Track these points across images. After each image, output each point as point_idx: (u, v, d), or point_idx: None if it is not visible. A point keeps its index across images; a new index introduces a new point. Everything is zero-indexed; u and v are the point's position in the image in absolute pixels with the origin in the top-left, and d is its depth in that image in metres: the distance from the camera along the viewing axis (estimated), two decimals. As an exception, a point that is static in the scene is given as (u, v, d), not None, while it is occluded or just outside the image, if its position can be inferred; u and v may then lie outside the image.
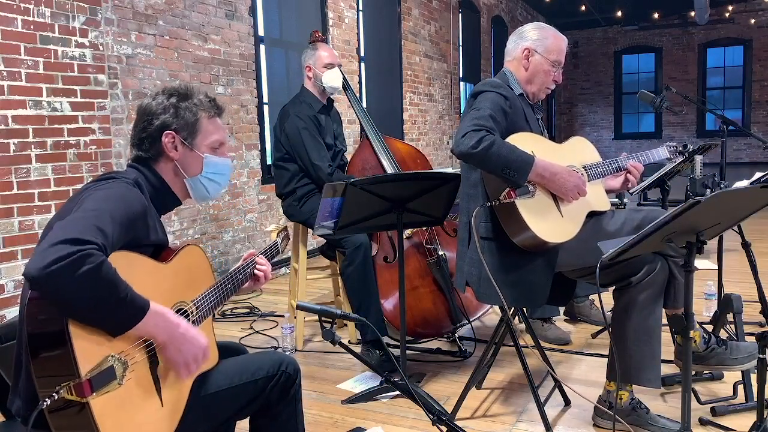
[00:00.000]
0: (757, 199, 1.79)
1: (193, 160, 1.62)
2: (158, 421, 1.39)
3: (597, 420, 2.40)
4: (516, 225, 2.20)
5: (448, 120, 9.33)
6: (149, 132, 1.58)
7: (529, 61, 2.43)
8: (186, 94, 1.62)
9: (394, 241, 3.24)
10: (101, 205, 1.35)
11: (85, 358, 1.22)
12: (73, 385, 1.20)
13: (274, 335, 3.61)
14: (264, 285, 1.88)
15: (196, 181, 1.65)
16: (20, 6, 3.42)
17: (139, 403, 1.34)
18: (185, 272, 1.56)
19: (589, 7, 12.34)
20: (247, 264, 1.79)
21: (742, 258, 3.02)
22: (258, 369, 1.64)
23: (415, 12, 8.15)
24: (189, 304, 1.54)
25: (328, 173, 3.20)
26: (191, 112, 1.61)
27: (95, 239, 1.24)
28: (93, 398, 1.22)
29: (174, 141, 1.59)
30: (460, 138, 2.16)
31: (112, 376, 1.27)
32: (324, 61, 3.33)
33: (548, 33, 2.45)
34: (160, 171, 1.62)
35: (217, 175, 1.67)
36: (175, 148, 1.60)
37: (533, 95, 2.48)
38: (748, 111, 14.06)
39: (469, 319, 3.26)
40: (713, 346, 2.37)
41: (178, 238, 4.50)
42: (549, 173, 2.20)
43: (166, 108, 1.59)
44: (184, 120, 1.60)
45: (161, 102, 1.60)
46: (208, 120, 1.64)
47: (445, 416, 1.59)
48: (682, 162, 3.35)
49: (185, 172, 1.62)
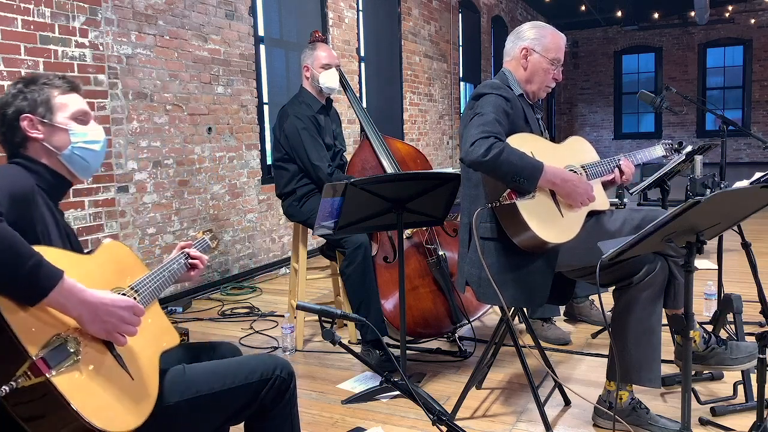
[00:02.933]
0: (757, 199, 1.79)
1: (59, 134, 1.60)
2: (135, 395, 1.37)
3: (597, 420, 2.40)
4: (517, 226, 2.20)
5: (448, 120, 9.33)
6: (6, 122, 1.58)
7: (528, 60, 2.43)
8: (32, 79, 1.63)
9: (394, 241, 3.25)
10: None
11: (30, 340, 1.20)
12: (27, 368, 1.17)
13: (274, 335, 3.61)
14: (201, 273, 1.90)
15: (70, 155, 1.62)
16: (20, 6, 3.42)
17: (107, 378, 1.32)
18: (112, 263, 1.55)
19: (589, 7, 12.34)
20: (179, 255, 1.80)
21: (742, 258, 3.02)
22: (251, 372, 1.62)
23: (415, 12, 8.15)
24: (126, 289, 1.51)
25: (328, 173, 3.20)
26: (41, 92, 1.60)
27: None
28: (54, 376, 1.19)
29: (33, 122, 1.58)
30: (468, 147, 2.14)
31: (66, 352, 1.24)
32: (322, 62, 3.33)
33: (546, 31, 2.45)
34: (35, 155, 1.60)
35: (90, 143, 1.64)
36: (36, 129, 1.58)
37: (533, 94, 2.48)
38: (748, 111, 14.06)
39: (469, 319, 3.26)
40: (713, 346, 2.37)
41: (179, 238, 4.50)
42: (560, 179, 2.19)
43: (15, 95, 1.59)
44: (35, 101, 1.59)
45: (9, 92, 1.60)
46: (63, 95, 1.63)
47: (445, 416, 1.59)
48: (683, 162, 3.36)
49: (56, 148, 1.60)
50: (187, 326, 3.75)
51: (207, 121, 4.77)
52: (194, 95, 4.64)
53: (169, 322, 1.64)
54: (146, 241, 4.25)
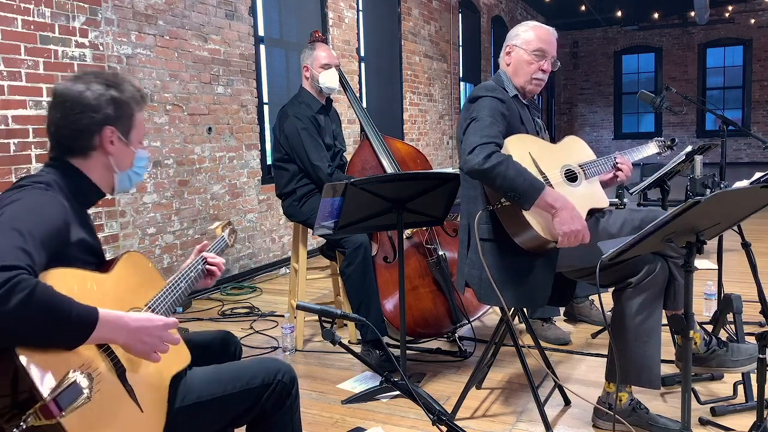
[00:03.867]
0: (757, 199, 1.79)
1: (127, 155, 1.56)
2: (143, 429, 1.35)
3: (597, 422, 2.40)
4: (518, 226, 2.20)
5: (448, 120, 9.33)
6: (86, 125, 1.47)
7: (510, 56, 2.46)
8: (120, 85, 1.53)
9: (394, 241, 3.24)
10: (16, 224, 1.25)
11: (44, 379, 1.16)
12: (38, 409, 1.14)
13: (274, 335, 3.61)
14: (219, 277, 1.86)
15: (123, 176, 1.59)
16: (20, 6, 3.42)
17: (116, 413, 1.29)
18: (130, 279, 1.50)
19: (589, 7, 12.33)
20: (197, 261, 1.76)
21: (742, 258, 3.02)
22: (253, 377, 1.60)
23: (415, 12, 8.15)
24: (143, 309, 1.48)
25: (328, 173, 3.20)
26: (128, 107, 1.54)
27: (20, 263, 1.16)
28: (63, 417, 1.16)
29: (112, 136, 1.51)
30: (467, 155, 2.13)
31: (78, 392, 1.21)
32: (321, 62, 3.33)
33: (528, 26, 2.48)
34: (87, 167, 1.52)
35: (141, 168, 1.63)
36: (111, 143, 1.51)
37: (523, 89, 2.47)
38: (748, 111, 14.05)
39: (469, 319, 3.26)
40: (714, 348, 2.37)
41: (179, 238, 4.50)
42: (560, 203, 2.11)
43: (108, 101, 1.49)
44: (124, 115, 1.53)
45: (101, 93, 1.48)
46: (139, 113, 1.58)
47: (445, 416, 1.59)
48: (683, 162, 3.36)
49: (117, 167, 1.55)
50: (187, 326, 3.75)
51: (207, 121, 4.77)
52: (194, 95, 4.64)
53: (181, 340, 1.61)
54: (146, 241, 4.25)
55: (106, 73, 1.59)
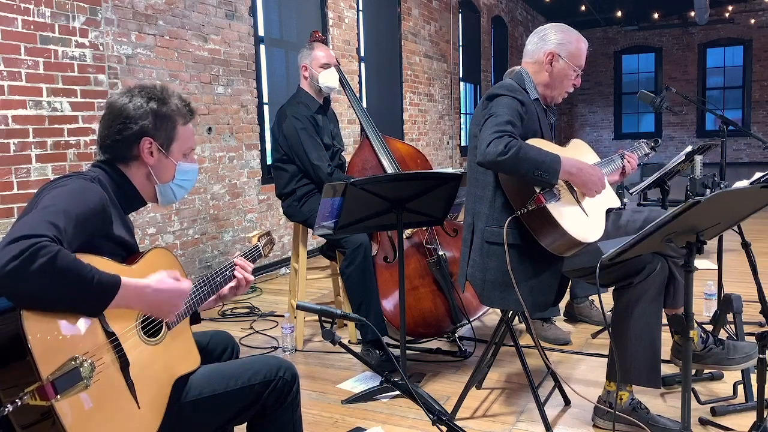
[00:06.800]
0: (757, 199, 1.79)
1: (167, 167, 1.60)
2: (137, 426, 1.35)
3: (597, 420, 2.40)
4: (549, 229, 2.16)
5: (448, 120, 9.33)
6: (125, 135, 1.54)
7: (552, 66, 2.39)
8: (164, 99, 1.58)
9: (394, 241, 3.24)
10: (55, 201, 1.33)
11: (46, 360, 1.19)
12: (35, 389, 1.17)
13: (274, 335, 3.61)
14: (244, 291, 1.82)
15: (166, 188, 1.62)
16: (20, 6, 3.42)
17: (112, 406, 1.30)
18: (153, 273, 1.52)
19: (589, 7, 12.34)
20: (226, 266, 1.75)
21: (742, 258, 3.02)
22: (254, 374, 1.61)
23: (415, 12, 8.15)
24: None
25: (328, 173, 3.20)
26: (170, 120, 1.57)
27: (46, 232, 1.22)
28: (58, 401, 1.18)
29: (151, 147, 1.56)
30: (485, 148, 2.11)
31: (77, 378, 1.22)
32: (320, 61, 3.33)
33: (572, 36, 2.41)
34: (130, 174, 1.58)
35: (186, 181, 1.65)
36: (150, 154, 1.56)
37: (551, 99, 2.46)
38: (748, 111, 14.05)
39: (469, 319, 3.26)
40: (711, 346, 2.37)
41: (179, 238, 4.50)
42: (576, 168, 2.19)
43: (146, 113, 1.54)
44: (164, 127, 1.57)
45: (140, 105, 1.55)
46: (184, 127, 1.61)
47: (445, 416, 1.59)
48: (683, 162, 3.36)
49: (158, 178, 1.60)
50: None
51: (207, 121, 4.77)
52: (194, 95, 4.64)
53: (193, 343, 1.63)
54: (146, 241, 4.25)
55: (155, 87, 1.62)
